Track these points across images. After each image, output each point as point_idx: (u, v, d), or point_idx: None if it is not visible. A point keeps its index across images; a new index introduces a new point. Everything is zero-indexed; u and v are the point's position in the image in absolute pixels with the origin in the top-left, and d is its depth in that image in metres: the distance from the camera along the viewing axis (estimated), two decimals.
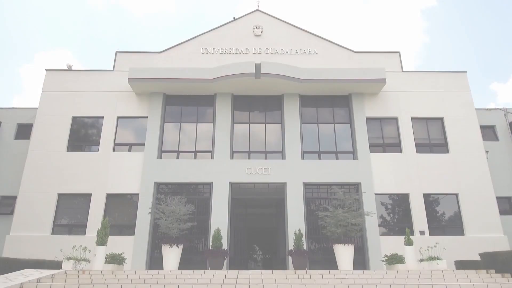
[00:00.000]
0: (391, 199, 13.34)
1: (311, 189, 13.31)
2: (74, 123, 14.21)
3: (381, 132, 14.18)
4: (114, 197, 13.15)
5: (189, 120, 14.30)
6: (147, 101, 14.31)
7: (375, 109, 14.33)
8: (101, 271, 7.81)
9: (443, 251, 9.74)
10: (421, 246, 10.55)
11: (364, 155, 13.47)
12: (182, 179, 13.11)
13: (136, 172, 13.22)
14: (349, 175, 13.19)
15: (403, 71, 15.03)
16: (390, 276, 8.15)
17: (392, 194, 13.29)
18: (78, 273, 7.50)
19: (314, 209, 13.02)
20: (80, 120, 14.30)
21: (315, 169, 13.28)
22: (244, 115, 14.44)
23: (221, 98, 14.28)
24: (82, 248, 9.34)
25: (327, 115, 14.46)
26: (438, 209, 13.27)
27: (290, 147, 13.58)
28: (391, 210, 13.25)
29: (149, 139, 13.61)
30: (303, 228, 12.37)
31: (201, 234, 12.77)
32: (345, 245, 11.00)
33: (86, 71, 14.96)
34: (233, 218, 13.27)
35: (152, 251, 12.45)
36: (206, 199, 13.13)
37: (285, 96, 14.35)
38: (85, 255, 9.45)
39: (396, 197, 13.34)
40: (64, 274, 7.21)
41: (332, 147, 13.94)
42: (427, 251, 9.74)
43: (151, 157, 13.35)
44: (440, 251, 9.53)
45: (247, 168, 13.22)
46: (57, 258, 9.61)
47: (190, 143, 13.98)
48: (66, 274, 7.22)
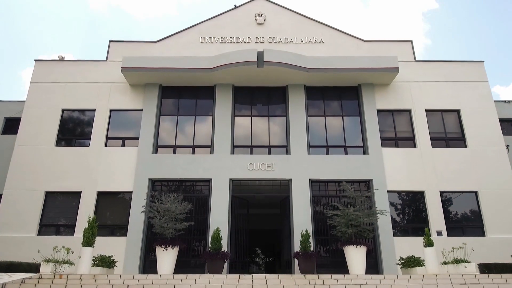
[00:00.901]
0: (405, 197, 12.33)
1: (318, 186, 12.31)
2: (64, 116, 13.27)
3: (393, 125, 13.18)
4: (106, 195, 12.18)
5: (186, 113, 13.35)
6: (142, 92, 13.37)
7: (387, 101, 13.34)
8: (80, 276, 6.85)
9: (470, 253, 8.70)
10: (440, 248, 9.56)
11: (375, 150, 12.47)
12: (179, 176, 12.14)
13: (129, 168, 12.26)
14: (359, 171, 12.19)
15: (416, 60, 14.06)
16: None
17: (406, 191, 12.28)
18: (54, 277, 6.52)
19: (322, 208, 12.03)
20: (71, 113, 13.37)
21: (323, 165, 12.29)
22: (245, 107, 13.48)
23: (221, 89, 13.33)
24: (65, 250, 8.39)
25: (335, 107, 13.49)
26: (456, 208, 12.23)
27: (296, 141, 12.60)
28: (405, 209, 12.23)
29: (143, 133, 12.66)
30: (310, 229, 11.37)
31: (200, 235, 11.78)
32: (357, 246, 10.01)
33: (77, 61, 14.05)
34: (234, 218, 12.28)
35: (147, 253, 11.47)
36: (205, 197, 12.15)
37: (290, 87, 13.38)
38: (68, 257, 8.49)
39: (411, 195, 12.32)
40: (37, 279, 6.24)
41: (340, 141, 12.95)
42: (451, 253, 8.71)
43: (146, 152, 12.40)
44: (467, 253, 8.50)
45: (249, 164, 12.24)
46: (34, 260, 8.64)
47: (188, 137, 13.02)
48: (39, 279, 6.27)
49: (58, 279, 6.41)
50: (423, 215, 12.02)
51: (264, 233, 19.56)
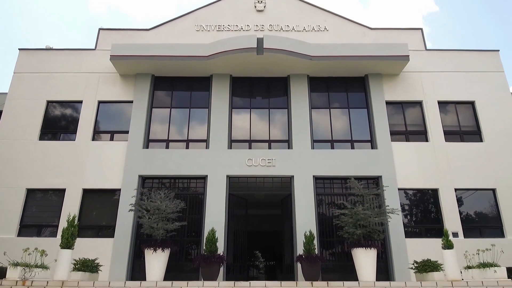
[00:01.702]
0: (416, 195, 11.36)
1: (323, 183, 11.35)
2: (49, 108, 12.34)
3: (403, 118, 12.23)
4: (92, 193, 11.22)
5: (180, 105, 12.41)
6: (132, 83, 12.44)
7: (396, 92, 12.40)
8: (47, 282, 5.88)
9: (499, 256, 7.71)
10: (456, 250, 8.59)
11: (384, 145, 11.51)
12: (172, 172, 11.18)
13: (118, 164, 11.31)
14: (367, 167, 11.23)
15: (427, 49, 13.13)
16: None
17: (418, 189, 11.30)
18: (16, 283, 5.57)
19: (327, 207, 11.06)
20: (56, 105, 12.43)
21: (327, 160, 11.33)
22: (244, 99, 12.54)
23: (217, 80, 12.39)
24: (38, 252, 7.43)
25: (340, 99, 12.54)
26: (472, 207, 11.25)
27: (298, 135, 11.65)
28: (417, 208, 11.25)
29: (134, 126, 11.71)
30: (314, 229, 10.39)
31: (194, 236, 10.82)
32: (367, 249, 9.04)
33: (64, 50, 13.12)
34: (231, 218, 11.31)
35: (136, 256, 10.50)
36: (200, 196, 11.19)
37: (292, 78, 12.44)
38: (43, 260, 7.53)
39: (423, 193, 11.35)
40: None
41: (346, 135, 11.99)
42: (475, 256, 7.73)
43: (136, 147, 11.44)
44: (497, 255, 7.51)
45: (247, 160, 11.29)
46: (1, 264, 7.67)
47: (182, 131, 12.07)
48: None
49: (21, 286, 5.46)
50: (437, 215, 11.05)
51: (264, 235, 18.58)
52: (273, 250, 20.12)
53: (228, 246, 10.89)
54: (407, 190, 11.29)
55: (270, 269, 21.76)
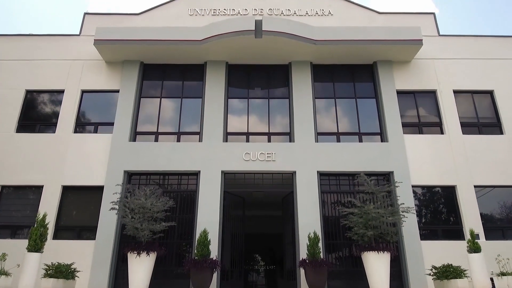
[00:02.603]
0: (432, 193, 10.27)
1: (328, 180, 10.26)
2: (28, 98, 11.29)
3: (416, 109, 11.16)
4: (73, 191, 10.14)
5: (171, 95, 11.35)
6: (119, 71, 11.39)
7: (408, 80, 11.34)
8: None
9: None
10: None
11: (396, 137, 10.44)
12: (161, 167, 10.10)
13: (102, 159, 10.24)
14: (377, 162, 10.15)
15: (440, 35, 12.08)
16: None
17: (433, 186, 10.22)
18: None
19: (333, 206, 9.98)
20: (36, 94, 11.38)
21: (333, 154, 10.25)
22: (241, 88, 11.48)
23: (212, 67, 11.34)
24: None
25: (346, 88, 11.47)
26: (493, 206, 10.15)
27: (301, 127, 10.58)
28: (432, 207, 10.16)
29: (119, 117, 10.65)
30: (319, 231, 9.32)
31: (185, 238, 9.73)
32: (379, 253, 7.99)
33: (46, 36, 12.06)
34: (227, 218, 10.23)
35: (120, 261, 9.40)
36: (192, 194, 10.11)
37: (294, 65, 11.39)
38: (3, 265, 6.46)
39: (439, 191, 10.26)
40: None
41: (354, 127, 10.91)
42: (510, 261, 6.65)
43: (121, 140, 10.38)
44: None
45: (244, 154, 10.22)
46: None
47: (173, 122, 11.00)
48: None
49: None
50: (455, 215, 9.95)
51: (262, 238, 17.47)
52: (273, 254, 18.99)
53: (224, 250, 9.81)
54: (421, 187, 10.20)
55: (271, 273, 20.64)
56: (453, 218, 9.94)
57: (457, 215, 9.90)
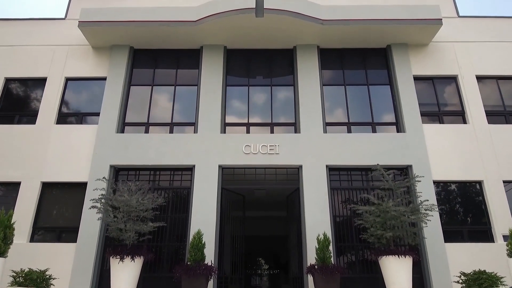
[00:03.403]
0: (455, 189, 9.14)
1: (338, 175, 9.17)
2: (7, 86, 10.30)
3: (435, 96, 10.06)
4: (53, 188, 9.12)
5: (164, 82, 10.31)
6: (107, 57, 10.38)
7: (425, 65, 10.24)
8: None
9: None
10: None
11: (414, 127, 9.34)
12: (152, 162, 9.06)
13: (87, 152, 9.22)
14: (393, 154, 9.05)
15: (459, 16, 10.98)
16: None
17: (457, 181, 9.09)
18: None
19: (344, 204, 8.89)
20: (16, 83, 10.39)
21: (344, 146, 9.16)
22: (241, 75, 10.42)
23: (209, 52, 10.30)
24: None
25: (357, 74, 10.38)
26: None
27: (307, 116, 9.51)
28: (456, 205, 9.03)
29: (106, 107, 9.62)
30: (329, 232, 8.22)
31: (177, 241, 8.66)
32: (400, 257, 6.90)
33: (29, 20, 11.07)
34: (225, 218, 9.16)
35: (104, 266, 8.35)
36: (185, 191, 9.05)
37: (299, 49, 10.33)
38: None
39: (464, 186, 9.13)
40: None
41: (366, 117, 9.81)
42: None
43: (108, 131, 9.35)
44: None
45: (244, 146, 9.15)
46: None
47: (165, 113, 9.95)
48: None
49: None
50: (482, 214, 8.82)
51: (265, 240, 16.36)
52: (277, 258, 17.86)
53: (223, 253, 8.74)
54: (443, 182, 9.09)
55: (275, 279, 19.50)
56: (480, 217, 8.80)
57: (485, 214, 8.77)
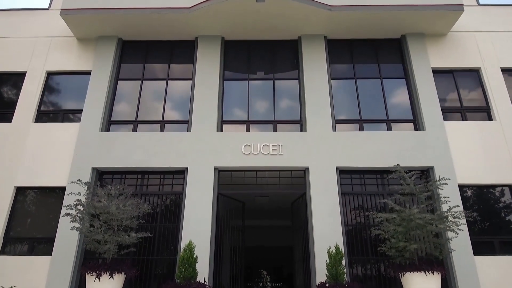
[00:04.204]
0: (483, 194, 8.06)
1: (350, 178, 8.12)
2: None
3: (456, 90, 9.04)
4: (29, 193, 8.11)
5: (155, 76, 9.34)
6: (93, 49, 9.45)
7: (444, 57, 9.25)
8: None
9: None
10: None
11: (434, 124, 8.31)
12: (139, 163, 8.04)
13: (68, 153, 8.23)
14: (412, 155, 8.01)
15: (480, 4, 10.02)
16: None
17: (485, 186, 8.01)
18: None
19: (357, 211, 7.83)
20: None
21: (356, 146, 8.13)
22: (240, 68, 9.44)
23: (205, 43, 9.35)
24: None
25: (369, 67, 9.38)
26: None
27: (314, 113, 8.50)
28: (485, 212, 7.93)
29: (90, 103, 8.65)
30: (341, 244, 7.15)
31: (167, 254, 7.59)
32: (427, 273, 5.84)
33: (8, 11, 10.17)
34: (222, 228, 8.11)
35: (82, 282, 7.28)
36: (177, 197, 8.01)
37: (304, 40, 9.37)
38: None
39: (492, 191, 8.05)
40: None
41: (380, 114, 8.79)
42: None
43: (91, 130, 8.36)
44: None
45: (244, 146, 8.14)
46: None
47: (156, 109, 8.96)
48: None
49: None
50: None
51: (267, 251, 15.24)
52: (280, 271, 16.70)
53: (218, 267, 7.66)
54: (469, 186, 8.01)
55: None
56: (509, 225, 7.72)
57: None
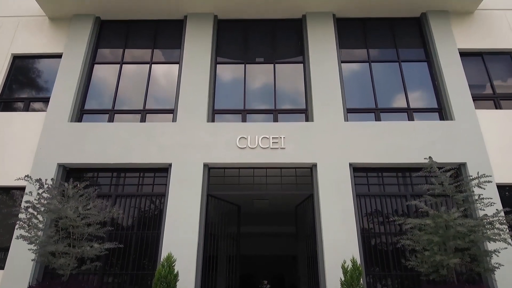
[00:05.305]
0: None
1: (366, 177, 6.80)
2: None
3: (487, 75, 7.77)
4: None
5: (137, 59, 8.09)
6: (67, 30, 8.22)
7: (471, 37, 7.99)
8: None
9: None
10: None
11: (465, 113, 7.02)
12: (115, 159, 6.74)
13: (32, 147, 6.95)
14: (439, 149, 6.70)
15: None
16: None
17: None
18: None
19: (375, 216, 6.51)
20: None
21: (372, 139, 6.83)
22: (235, 50, 8.18)
23: (195, 22, 8.11)
24: None
25: (385, 49, 8.12)
26: None
27: (323, 101, 7.22)
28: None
29: (59, 89, 7.39)
30: (357, 255, 5.82)
31: (146, 268, 6.26)
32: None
33: None
34: (212, 236, 6.78)
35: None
36: (159, 199, 6.70)
37: (310, 18, 8.12)
38: None
39: None
40: None
41: (400, 102, 7.51)
42: None
43: (59, 120, 7.09)
44: None
45: (239, 139, 6.85)
46: None
47: (137, 97, 7.68)
48: None
49: None
50: None
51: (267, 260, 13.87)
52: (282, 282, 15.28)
53: (206, 285, 6.33)
54: (509, 187, 6.70)
55: None
56: None
57: None
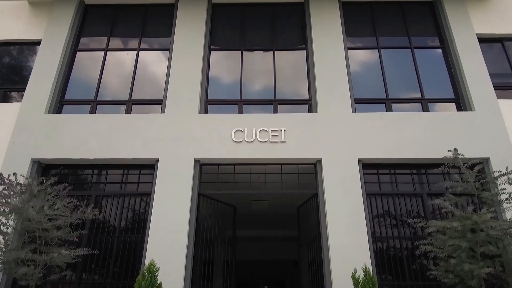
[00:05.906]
0: None
1: (377, 174, 6.08)
2: None
3: (508, 63, 7.06)
4: None
5: (123, 46, 7.40)
6: (47, 15, 7.54)
7: (490, 22, 7.30)
8: None
9: None
10: None
11: (485, 104, 6.30)
12: (96, 155, 6.03)
13: (4, 141, 6.25)
14: (458, 142, 5.96)
15: None
16: None
17: None
18: None
19: (388, 218, 5.78)
20: None
21: (383, 131, 6.11)
22: (231, 36, 7.49)
23: (187, 7, 7.43)
24: None
25: (396, 34, 7.42)
26: None
27: (327, 90, 6.51)
28: None
29: (36, 78, 6.69)
30: (369, 263, 5.09)
31: (128, 277, 5.52)
32: None
33: None
34: (203, 239, 6.06)
35: None
36: (143, 198, 5.98)
37: (313, 2, 7.43)
38: None
39: None
40: None
41: (413, 91, 6.79)
42: None
43: (35, 111, 6.39)
44: None
45: (234, 132, 6.13)
46: None
47: (122, 87, 6.98)
48: None
49: None
50: None
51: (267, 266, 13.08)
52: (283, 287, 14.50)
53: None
54: None
55: None
56: None
57: None
